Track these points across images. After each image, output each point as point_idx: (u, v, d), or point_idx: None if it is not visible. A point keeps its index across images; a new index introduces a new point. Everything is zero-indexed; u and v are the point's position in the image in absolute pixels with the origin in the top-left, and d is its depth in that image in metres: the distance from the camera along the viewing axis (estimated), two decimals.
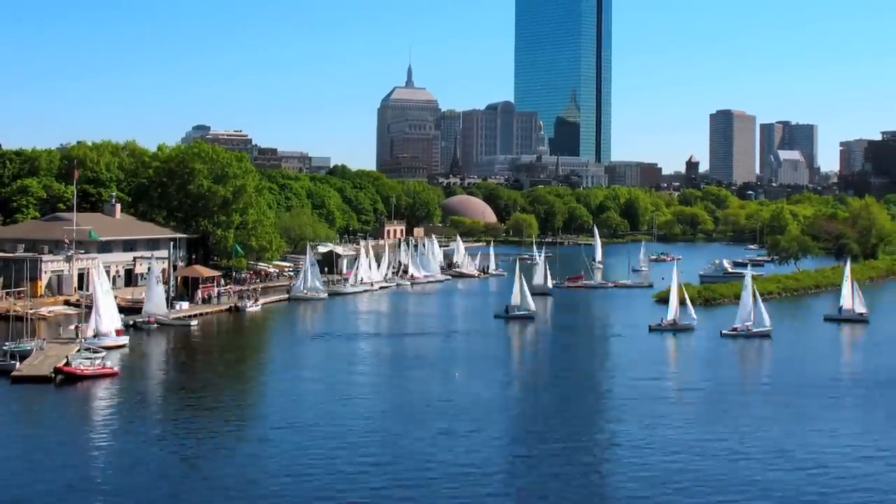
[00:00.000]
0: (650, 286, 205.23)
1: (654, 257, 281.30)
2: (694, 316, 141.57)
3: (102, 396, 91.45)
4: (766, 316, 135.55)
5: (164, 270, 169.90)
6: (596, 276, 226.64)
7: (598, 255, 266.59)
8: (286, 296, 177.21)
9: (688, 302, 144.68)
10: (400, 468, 67.72)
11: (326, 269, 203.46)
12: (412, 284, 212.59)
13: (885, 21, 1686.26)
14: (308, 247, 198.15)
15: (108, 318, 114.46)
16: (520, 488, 64.22)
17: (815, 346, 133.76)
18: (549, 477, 66.44)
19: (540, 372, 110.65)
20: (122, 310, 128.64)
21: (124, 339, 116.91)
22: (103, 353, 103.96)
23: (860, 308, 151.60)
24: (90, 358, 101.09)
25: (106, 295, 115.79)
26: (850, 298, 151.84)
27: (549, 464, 69.40)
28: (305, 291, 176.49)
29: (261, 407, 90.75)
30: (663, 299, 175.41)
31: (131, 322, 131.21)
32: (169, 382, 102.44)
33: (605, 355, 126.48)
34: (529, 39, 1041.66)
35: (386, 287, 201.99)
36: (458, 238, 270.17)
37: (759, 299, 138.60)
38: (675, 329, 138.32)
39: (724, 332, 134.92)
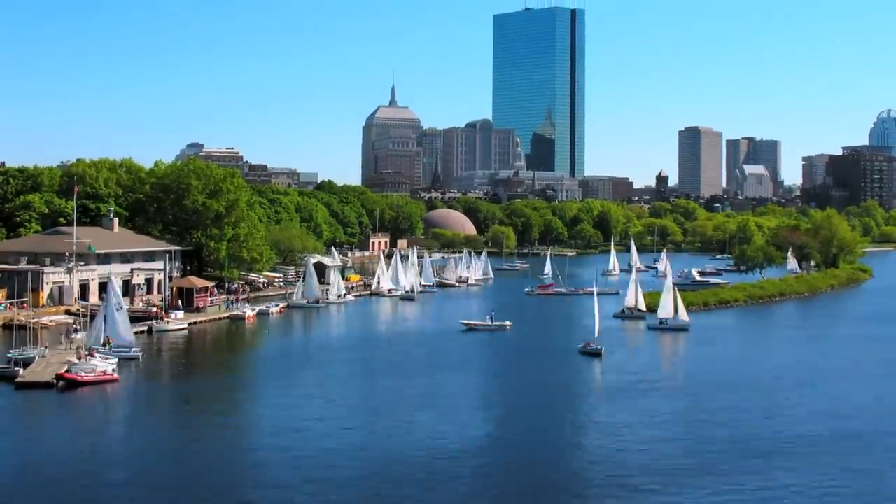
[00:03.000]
0: (616, 293, 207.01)
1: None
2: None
3: (101, 401, 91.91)
4: None
5: (159, 281, 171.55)
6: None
7: (546, 269, 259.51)
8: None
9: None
10: None
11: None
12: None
13: (844, 43, 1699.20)
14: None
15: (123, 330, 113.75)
16: None
17: None
18: None
19: None
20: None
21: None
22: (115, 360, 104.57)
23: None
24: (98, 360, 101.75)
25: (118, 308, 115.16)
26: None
27: None
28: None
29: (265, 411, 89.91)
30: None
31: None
32: (168, 387, 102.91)
33: None
34: (506, 61, 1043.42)
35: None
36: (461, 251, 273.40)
37: None
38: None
39: None
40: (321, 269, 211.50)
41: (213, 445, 74.66)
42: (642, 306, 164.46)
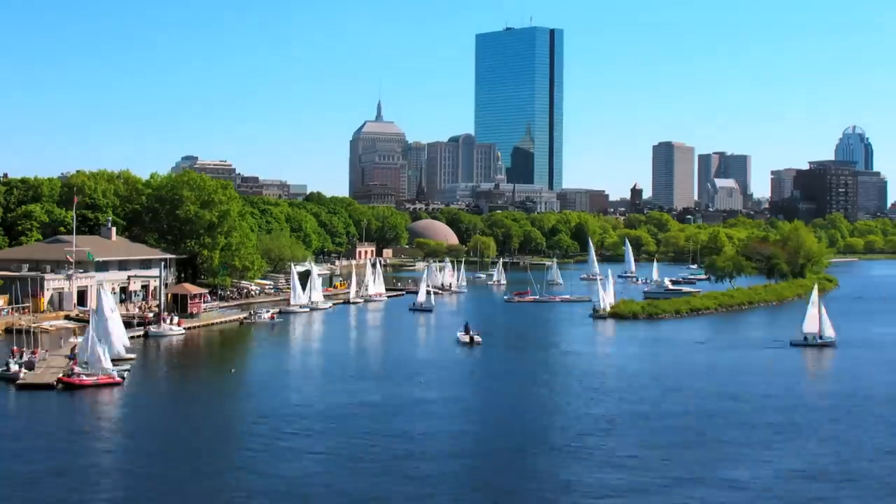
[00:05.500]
0: (589, 300, 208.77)
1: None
2: None
3: (100, 403, 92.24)
4: None
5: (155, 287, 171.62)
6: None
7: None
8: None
9: None
10: None
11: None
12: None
13: (811, 62, 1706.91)
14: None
15: (115, 338, 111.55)
16: None
17: None
18: None
19: None
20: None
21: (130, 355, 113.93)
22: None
23: None
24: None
25: (112, 314, 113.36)
26: None
27: None
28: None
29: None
30: (610, 315, 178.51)
31: None
32: (168, 388, 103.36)
33: None
34: (488, 78, 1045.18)
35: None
36: (447, 260, 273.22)
37: None
38: None
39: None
40: (306, 278, 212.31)
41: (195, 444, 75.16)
42: None
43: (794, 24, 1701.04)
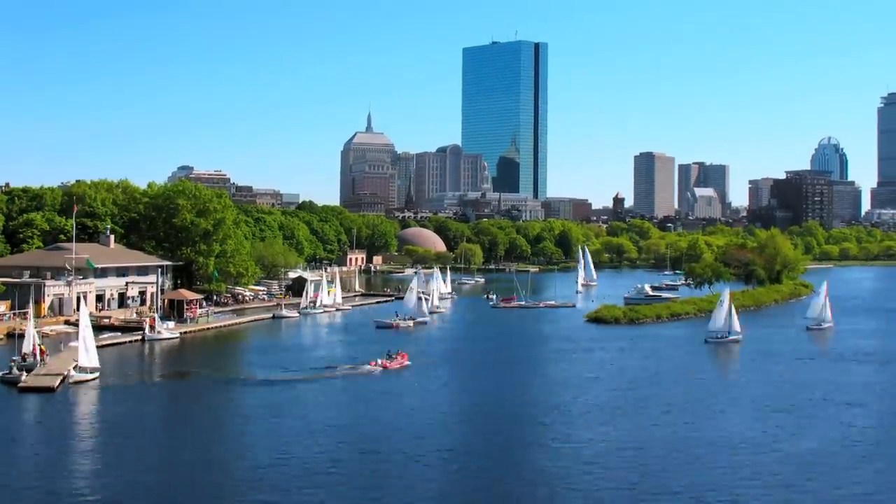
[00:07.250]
0: (573, 306, 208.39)
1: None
2: None
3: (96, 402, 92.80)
4: None
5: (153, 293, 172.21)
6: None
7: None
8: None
9: None
10: None
11: (291, 293, 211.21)
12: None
13: (788, 75, 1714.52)
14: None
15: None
16: None
17: None
18: None
19: None
20: (116, 328, 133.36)
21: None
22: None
23: None
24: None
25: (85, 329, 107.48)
26: None
27: None
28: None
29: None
30: (593, 319, 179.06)
31: None
32: (147, 389, 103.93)
33: None
34: (475, 90, 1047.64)
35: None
36: (445, 268, 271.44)
37: None
38: None
39: None
40: (301, 284, 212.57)
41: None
42: None
43: (771, 39, 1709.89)
